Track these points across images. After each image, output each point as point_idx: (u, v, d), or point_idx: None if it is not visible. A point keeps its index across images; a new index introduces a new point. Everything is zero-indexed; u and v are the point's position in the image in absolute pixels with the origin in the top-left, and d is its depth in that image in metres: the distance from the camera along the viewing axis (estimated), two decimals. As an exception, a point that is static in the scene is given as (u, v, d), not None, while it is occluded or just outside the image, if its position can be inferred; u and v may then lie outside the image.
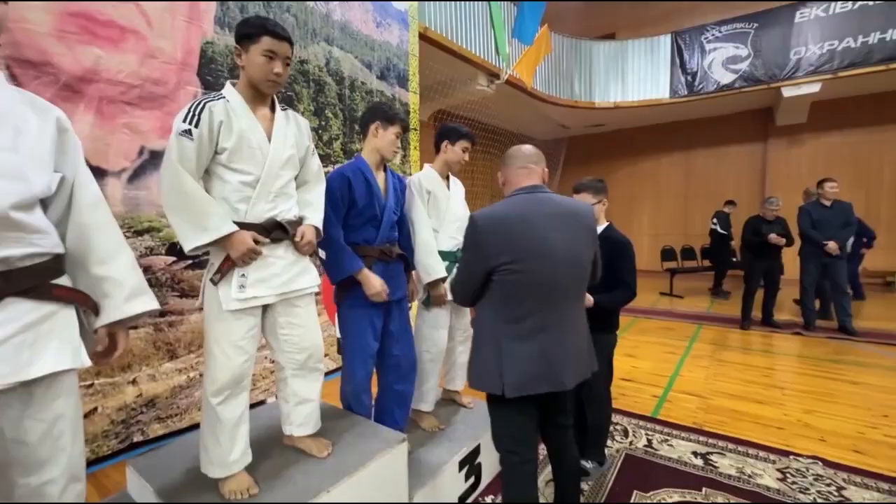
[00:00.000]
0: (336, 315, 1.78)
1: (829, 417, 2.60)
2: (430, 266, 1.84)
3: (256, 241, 1.28)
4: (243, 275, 1.28)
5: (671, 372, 3.41)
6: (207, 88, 2.57)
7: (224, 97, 1.30)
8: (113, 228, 1.01)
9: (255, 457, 1.39)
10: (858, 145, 7.44)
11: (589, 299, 1.77)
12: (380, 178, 1.75)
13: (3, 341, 0.78)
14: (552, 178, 9.44)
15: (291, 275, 1.37)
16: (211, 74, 2.60)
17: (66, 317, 0.89)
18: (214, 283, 1.28)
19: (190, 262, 2.42)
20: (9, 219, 0.79)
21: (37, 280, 0.84)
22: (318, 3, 3.22)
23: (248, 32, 1.27)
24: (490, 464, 2.01)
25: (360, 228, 1.69)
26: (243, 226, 1.28)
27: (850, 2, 6.03)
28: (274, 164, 1.32)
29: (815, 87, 6.41)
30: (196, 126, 1.22)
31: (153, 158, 2.32)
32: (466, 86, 5.60)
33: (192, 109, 1.24)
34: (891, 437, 2.35)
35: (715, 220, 6.66)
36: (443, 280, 1.89)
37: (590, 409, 2.01)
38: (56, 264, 0.89)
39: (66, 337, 0.88)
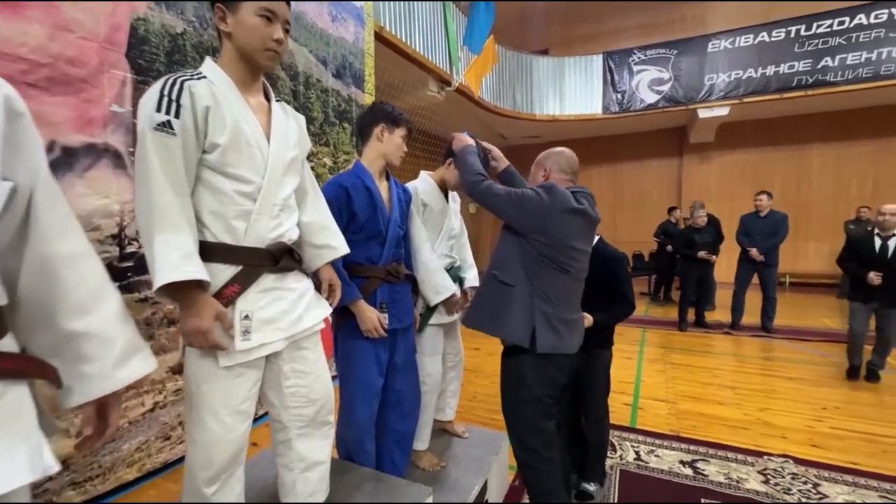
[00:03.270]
0: (333, 346, 1.50)
1: (782, 414, 2.80)
2: (439, 283, 1.63)
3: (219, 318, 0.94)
4: (246, 316, 0.97)
5: (633, 378, 3.51)
6: (140, 74, 2.13)
7: (204, 76, 0.98)
8: (93, 262, 0.69)
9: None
10: (755, 163, 8.50)
11: (588, 319, 1.70)
12: (382, 188, 1.51)
13: None
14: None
15: (301, 311, 1.09)
16: (143, 58, 2.16)
17: (16, 401, 0.57)
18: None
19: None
20: None
21: None
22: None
23: None
24: (495, 497, 1.85)
25: (361, 245, 1.44)
26: (245, 251, 0.99)
27: (752, 37, 6.87)
28: (276, 168, 1.04)
29: (724, 111, 7.20)
30: (177, 116, 0.90)
31: (67, 157, 1.86)
32: (417, 90, 5.43)
33: (164, 92, 0.90)
34: (836, 430, 2.59)
35: (661, 235, 6.75)
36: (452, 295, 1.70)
37: (591, 427, 1.95)
38: None
39: (19, 432, 0.56)
